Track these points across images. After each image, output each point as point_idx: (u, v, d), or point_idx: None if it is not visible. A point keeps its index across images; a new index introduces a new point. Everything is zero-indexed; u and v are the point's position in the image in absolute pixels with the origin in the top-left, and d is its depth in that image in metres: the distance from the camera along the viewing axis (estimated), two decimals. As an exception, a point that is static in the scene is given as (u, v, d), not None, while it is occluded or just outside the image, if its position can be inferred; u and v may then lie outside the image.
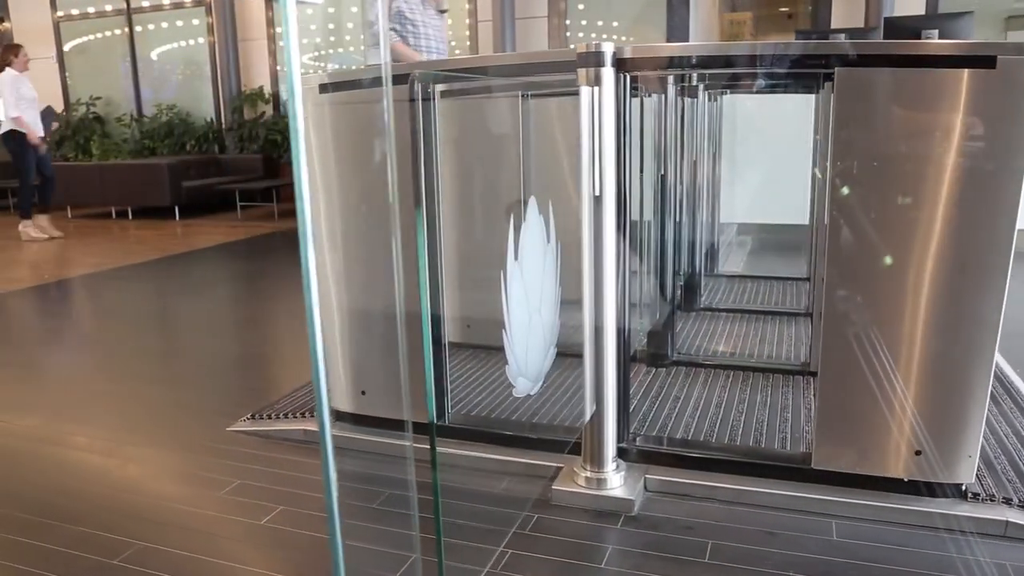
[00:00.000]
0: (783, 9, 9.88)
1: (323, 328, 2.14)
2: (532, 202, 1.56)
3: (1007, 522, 1.66)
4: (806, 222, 4.14)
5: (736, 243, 4.76)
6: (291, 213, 7.61)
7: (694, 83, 2.82)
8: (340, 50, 8.68)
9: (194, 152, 8.44)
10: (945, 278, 1.63)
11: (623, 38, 7.92)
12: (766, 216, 4.79)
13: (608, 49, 1.65)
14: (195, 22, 9.25)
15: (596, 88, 1.67)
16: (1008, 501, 1.72)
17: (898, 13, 6.10)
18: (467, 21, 8.20)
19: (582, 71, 1.68)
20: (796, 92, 3.29)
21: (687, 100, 2.91)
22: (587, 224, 1.74)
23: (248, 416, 2.42)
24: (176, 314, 3.98)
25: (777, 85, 2.72)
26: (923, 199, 1.61)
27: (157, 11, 9.15)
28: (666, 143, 2.46)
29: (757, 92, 3.38)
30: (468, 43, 8.25)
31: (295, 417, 2.36)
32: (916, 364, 1.69)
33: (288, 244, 6.14)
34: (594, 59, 1.65)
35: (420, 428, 2.20)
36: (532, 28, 7.66)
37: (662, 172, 2.46)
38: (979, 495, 1.74)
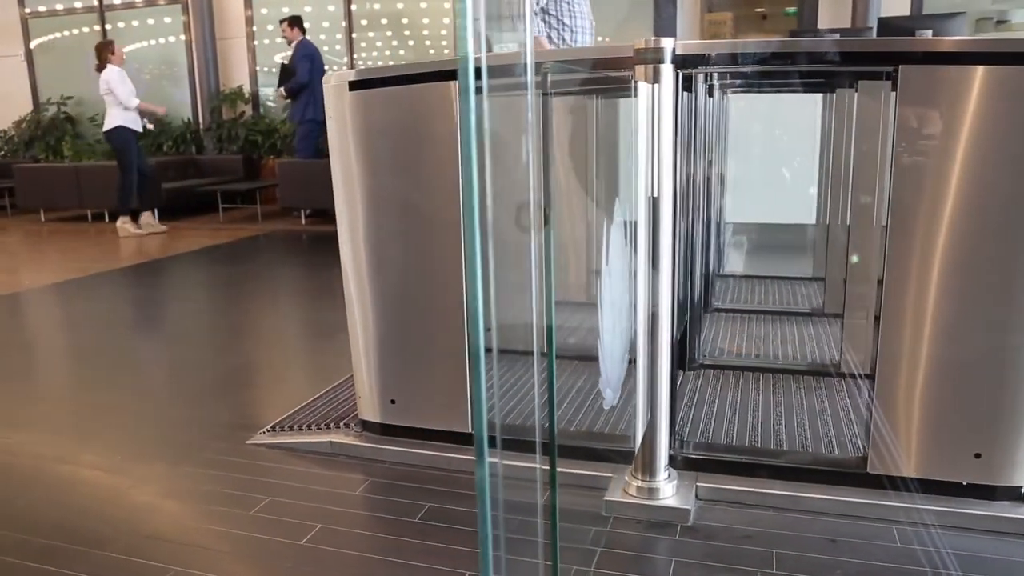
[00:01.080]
0: (758, 10, 9.95)
1: (350, 334, 2.05)
2: (617, 204, 1.50)
3: (1071, 525, 1.64)
4: (805, 221, 4.14)
5: (733, 243, 4.75)
6: (275, 215, 7.47)
7: (711, 81, 2.78)
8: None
9: (171, 153, 8.23)
10: (1006, 280, 1.61)
11: (605, 39, 7.89)
12: (763, 216, 4.79)
13: (668, 45, 1.60)
14: (167, 20, 9.03)
15: (656, 85, 1.61)
16: (1068, 503, 1.70)
17: (884, 14, 6.14)
18: (445, 20, 8.12)
19: (640, 68, 1.62)
20: (806, 92, 3.28)
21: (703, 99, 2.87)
22: (643, 226, 1.69)
23: (268, 428, 2.32)
24: (169, 321, 3.85)
25: (806, 85, 2.69)
26: (988, 201, 1.58)
27: (130, 8, 8.91)
28: (695, 142, 2.42)
29: (775, 92, 3.35)
30: (446, 41, 8.17)
31: (320, 429, 2.27)
32: (976, 366, 1.67)
33: (275, 247, 6.01)
34: (653, 55, 1.60)
35: (454, 438, 2.13)
36: (517, 27, 7.60)
37: (691, 172, 2.41)
38: (1039, 498, 1.72)
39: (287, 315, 3.92)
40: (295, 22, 7.12)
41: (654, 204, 1.66)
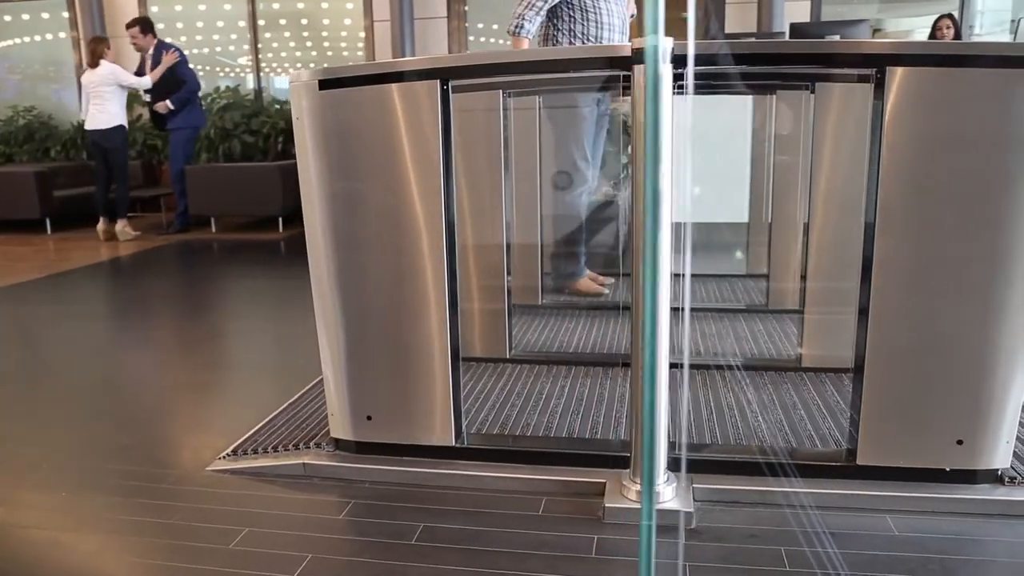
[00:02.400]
0: (657, 15, 10.24)
1: (320, 348, 1.92)
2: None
3: (1047, 502, 1.73)
4: (736, 220, 4.26)
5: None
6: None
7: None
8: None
9: (60, 159, 7.63)
10: (987, 273, 1.68)
11: (506, 42, 7.89)
12: (694, 215, 4.90)
13: (667, 44, 1.57)
14: (44, 16, 8.40)
15: (653, 85, 1.59)
16: (1042, 482, 1.80)
17: (787, 21, 6.42)
18: (347, 21, 7.93)
19: (638, 67, 1.59)
20: (748, 94, 3.37)
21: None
22: (640, 227, 1.66)
23: (228, 452, 2.16)
24: (86, 341, 3.54)
25: (751, 87, 2.76)
26: (971, 198, 1.64)
27: (3, 1, 8.22)
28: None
29: (712, 94, 3.41)
30: (346, 43, 7.98)
31: (288, 450, 2.12)
32: (960, 356, 1.73)
33: (185, 258, 5.67)
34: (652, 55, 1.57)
35: (437, 452, 2.04)
36: (431, 29, 7.51)
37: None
38: (1015, 479, 1.80)
39: (214, 331, 3.69)
40: (148, 27, 6.48)
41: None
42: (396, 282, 1.95)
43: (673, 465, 1.90)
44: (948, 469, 1.80)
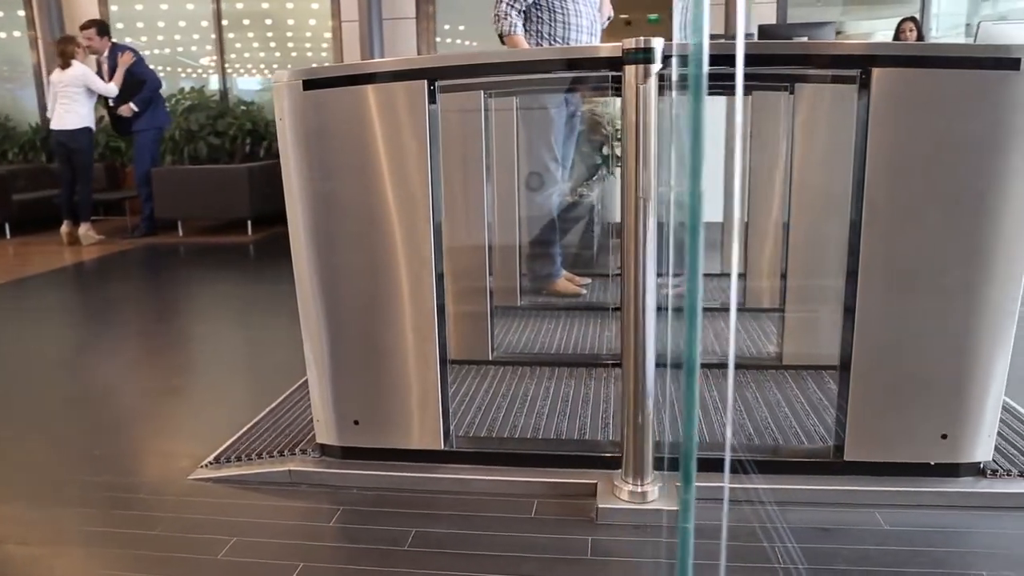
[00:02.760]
0: (623, 16, 10.33)
1: (305, 353, 1.89)
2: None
3: (1030, 494, 1.77)
4: (712, 219, 4.29)
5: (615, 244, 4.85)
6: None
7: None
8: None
9: (18, 161, 7.42)
10: (971, 272, 1.71)
11: (472, 43, 7.87)
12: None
13: (659, 45, 1.58)
14: (-1, 14, 8.17)
15: (643, 87, 1.59)
16: None
17: (753, 23, 6.50)
18: (312, 22, 7.85)
19: (630, 68, 1.59)
20: (721, 95, 3.39)
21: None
22: (631, 227, 1.67)
23: (211, 460, 2.12)
24: (51, 348, 3.45)
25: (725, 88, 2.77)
26: (953, 198, 1.68)
27: (-43, 0, 7.98)
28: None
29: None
30: (310, 44, 7.91)
31: (272, 457, 2.08)
32: (943, 352, 1.76)
33: (151, 262, 5.55)
34: (644, 56, 1.58)
35: (425, 456, 2.02)
36: (399, 29, 7.46)
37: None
38: (997, 471, 1.84)
39: (186, 336, 3.62)
40: (104, 30, 6.45)
41: (643, 205, 1.64)
42: (381, 285, 1.92)
43: (657, 464, 1.91)
44: (933, 463, 1.83)
